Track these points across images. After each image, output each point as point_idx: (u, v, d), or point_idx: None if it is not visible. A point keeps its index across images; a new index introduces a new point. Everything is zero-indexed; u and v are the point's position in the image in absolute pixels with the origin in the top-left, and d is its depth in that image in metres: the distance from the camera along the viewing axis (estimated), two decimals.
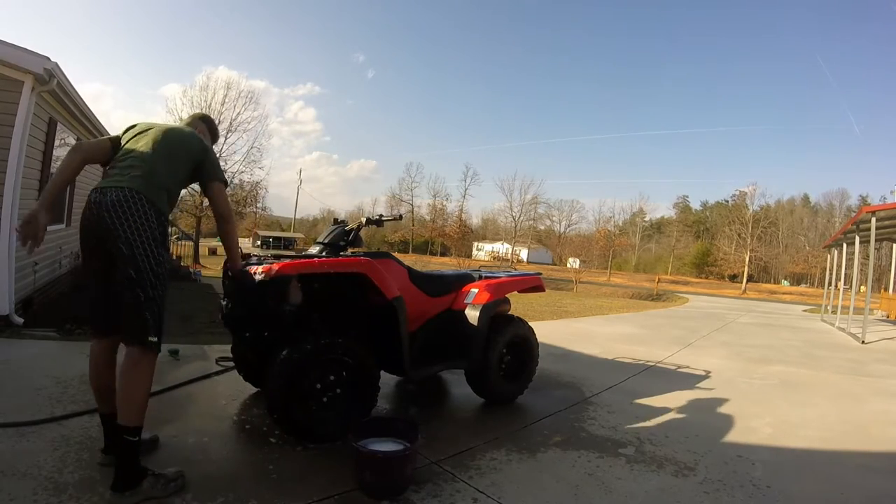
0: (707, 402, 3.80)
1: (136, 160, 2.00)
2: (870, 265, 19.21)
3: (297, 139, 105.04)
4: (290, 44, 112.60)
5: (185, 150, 2.15)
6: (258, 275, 2.32)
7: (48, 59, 4.59)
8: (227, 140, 25.15)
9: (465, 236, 58.77)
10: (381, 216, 3.03)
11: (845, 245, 11.67)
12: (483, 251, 57.04)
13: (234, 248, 2.38)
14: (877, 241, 12.39)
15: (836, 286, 12.91)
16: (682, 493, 2.23)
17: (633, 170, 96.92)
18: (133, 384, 1.87)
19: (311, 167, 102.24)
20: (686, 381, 4.48)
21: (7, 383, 2.92)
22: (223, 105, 25.55)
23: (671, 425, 3.17)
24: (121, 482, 1.80)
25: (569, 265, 43.02)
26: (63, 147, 6.07)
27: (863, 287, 13.52)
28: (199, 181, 2.22)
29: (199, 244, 23.52)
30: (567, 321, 8.63)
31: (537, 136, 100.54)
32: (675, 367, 5.05)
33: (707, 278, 50.87)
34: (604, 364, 4.99)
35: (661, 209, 77.92)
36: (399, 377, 3.30)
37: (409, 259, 29.34)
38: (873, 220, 8.84)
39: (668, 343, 6.72)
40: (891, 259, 18.81)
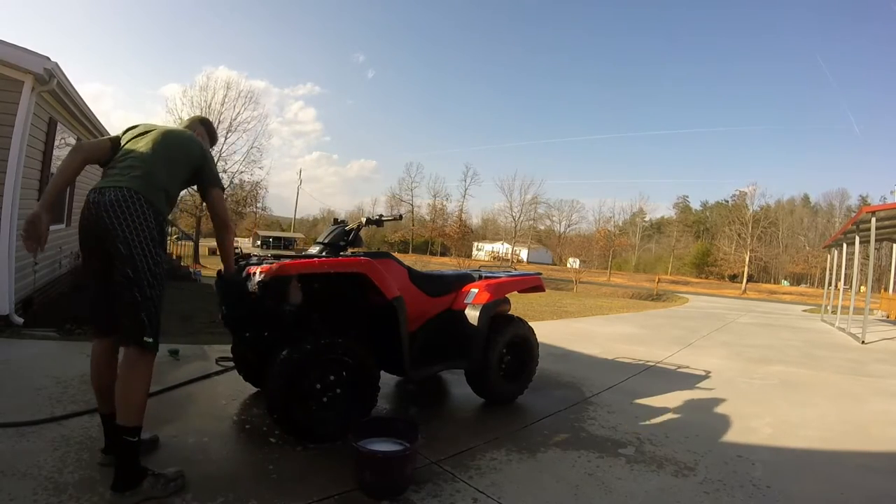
0: (707, 402, 3.80)
1: (136, 160, 2.01)
2: (870, 265, 19.23)
3: (297, 139, 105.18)
4: (290, 44, 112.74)
5: (185, 154, 2.15)
6: (258, 275, 2.32)
7: (48, 58, 4.60)
8: (226, 140, 25.26)
9: (465, 236, 58.77)
10: (381, 216, 3.03)
11: (845, 245, 11.67)
12: (483, 251, 57.05)
13: (229, 258, 2.39)
14: (877, 241, 12.39)
15: (836, 286, 12.92)
16: (682, 493, 2.23)
17: (633, 170, 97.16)
18: (131, 384, 1.87)
19: (311, 167, 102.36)
20: (686, 381, 4.48)
21: (7, 383, 2.92)
22: (223, 105, 25.68)
23: (671, 425, 3.17)
24: (121, 482, 1.80)
25: (569, 265, 43.03)
26: (63, 147, 6.07)
27: (863, 287, 13.52)
28: (199, 186, 2.23)
29: (199, 244, 23.53)
30: (567, 321, 8.63)
31: (537, 136, 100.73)
32: (675, 367, 5.05)
33: (707, 278, 50.88)
34: (604, 364, 4.99)
35: (661, 209, 78.12)
36: (399, 377, 3.30)
37: (409, 259, 29.34)
38: (873, 220, 8.85)
39: (668, 343, 6.72)
40: (891, 259, 18.81)
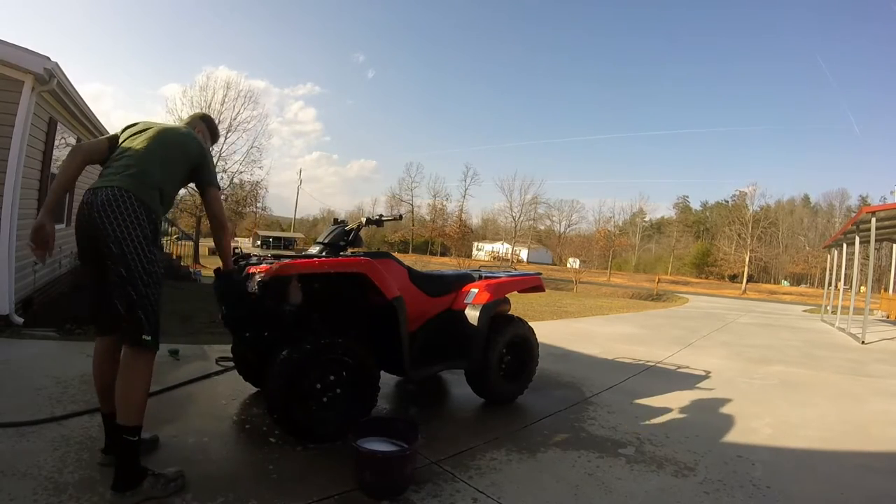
0: (707, 402, 3.80)
1: (131, 159, 2.00)
2: (870, 265, 19.24)
3: (297, 139, 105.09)
4: (290, 44, 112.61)
5: (182, 152, 2.14)
6: (258, 275, 2.32)
7: (48, 58, 4.59)
8: (226, 140, 25.18)
9: (465, 236, 58.72)
10: (381, 216, 3.03)
11: (845, 245, 11.67)
12: (483, 251, 57.02)
13: (227, 257, 2.38)
14: (877, 241, 12.38)
15: (836, 286, 12.92)
16: (682, 493, 2.23)
17: (633, 170, 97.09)
18: (131, 384, 1.87)
19: (311, 167, 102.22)
20: (686, 381, 4.48)
21: (7, 383, 2.92)
22: (223, 105, 25.59)
23: (671, 425, 3.17)
24: (121, 482, 1.80)
25: (569, 265, 42.98)
26: (63, 147, 6.07)
27: (863, 287, 13.52)
28: (197, 184, 2.21)
29: (199, 244, 23.50)
30: (567, 321, 8.63)
31: (537, 136, 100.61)
32: (675, 367, 5.05)
33: (707, 278, 50.87)
34: (604, 364, 4.99)
35: (661, 209, 78.11)
36: (399, 377, 3.30)
37: (409, 259, 29.33)
38: (873, 220, 8.85)
39: (668, 343, 6.72)
40: (891, 259, 18.81)
